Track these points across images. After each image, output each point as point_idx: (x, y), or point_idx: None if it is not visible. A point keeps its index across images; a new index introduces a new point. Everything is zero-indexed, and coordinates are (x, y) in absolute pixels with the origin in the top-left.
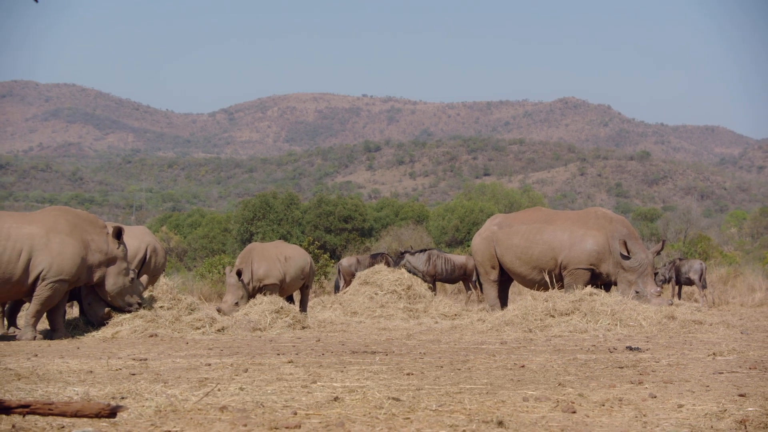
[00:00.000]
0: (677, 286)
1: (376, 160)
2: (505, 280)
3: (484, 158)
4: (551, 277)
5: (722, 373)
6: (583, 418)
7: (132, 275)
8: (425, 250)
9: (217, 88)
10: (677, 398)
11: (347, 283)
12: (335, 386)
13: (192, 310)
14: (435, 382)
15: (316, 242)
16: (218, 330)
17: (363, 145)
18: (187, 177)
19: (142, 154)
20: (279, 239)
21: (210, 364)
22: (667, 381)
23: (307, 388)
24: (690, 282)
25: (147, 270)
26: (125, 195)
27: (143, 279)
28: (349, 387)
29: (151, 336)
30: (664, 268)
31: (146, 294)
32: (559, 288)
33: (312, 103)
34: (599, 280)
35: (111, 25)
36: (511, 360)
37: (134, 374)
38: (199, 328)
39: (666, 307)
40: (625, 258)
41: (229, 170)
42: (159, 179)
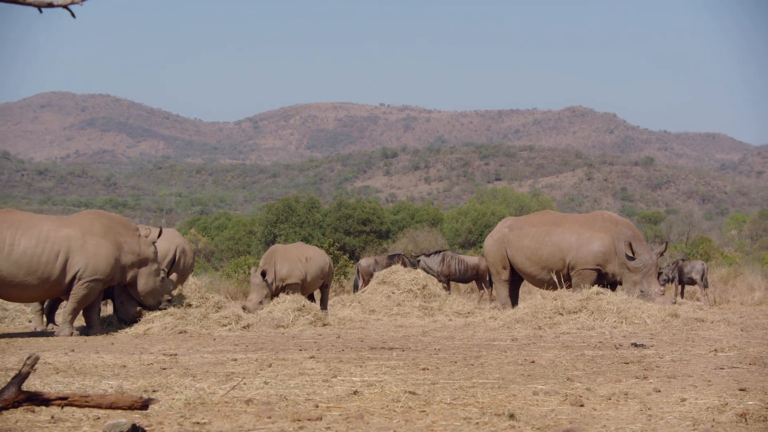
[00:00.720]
0: (680, 286)
1: (392, 166)
2: (515, 279)
3: (495, 164)
4: (559, 277)
5: (723, 368)
6: (591, 411)
7: (162, 275)
8: (440, 252)
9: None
10: (680, 392)
11: (366, 283)
12: (354, 380)
13: (219, 308)
14: (449, 377)
15: (336, 244)
16: (244, 327)
17: (380, 151)
18: (215, 182)
19: (172, 160)
20: (300, 241)
21: (236, 360)
22: (671, 376)
23: (327, 382)
24: (692, 282)
25: (176, 270)
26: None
27: (173, 278)
28: (367, 381)
29: (181, 332)
30: (668, 268)
31: (176, 293)
32: (567, 287)
33: (332, 111)
34: (605, 280)
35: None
36: (522, 356)
37: (165, 369)
38: (226, 325)
39: (669, 305)
40: (630, 259)
41: (253, 176)
42: (188, 184)
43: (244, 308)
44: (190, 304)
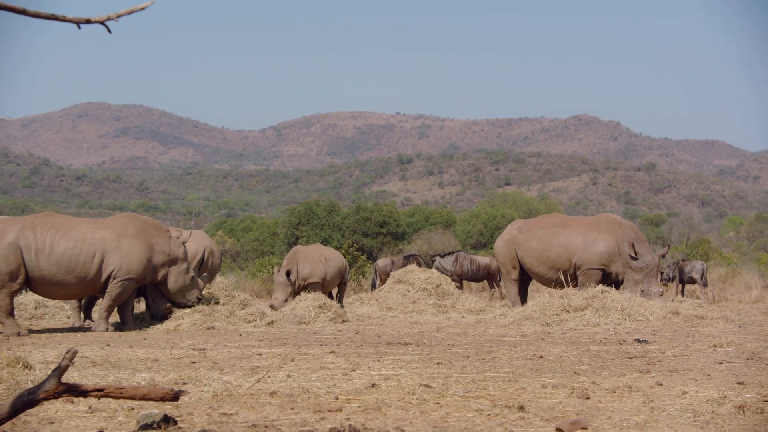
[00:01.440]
0: (680, 285)
1: (408, 171)
2: (524, 279)
3: (505, 169)
4: (566, 277)
5: (722, 363)
6: (596, 403)
7: (192, 274)
8: (453, 252)
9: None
10: (681, 386)
11: (383, 282)
12: (372, 374)
13: (244, 306)
14: (462, 371)
15: (355, 245)
16: (268, 323)
17: (396, 157)
18: (240, 187)
19: (200, 166)
20: (320, 242)
21: (261, 354)
22: (672, 370)
23: (347, 375)
24: (692, 281)
25: (205, 269)
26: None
27: (202, 277)
28: (385, 375)
29: (209, 328)
30: (669, 268)
31: (204, 291)
32: (573, 286)
33: (351, 120)
34: (610, 279)
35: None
36: (531, 351)
37: (194, 362)
38: (251, 322)
39: (670, 303)
40: (632, 259)
41: (277, 181)
42: (215, 189)
43: (272, 307)
44: (217, 302)
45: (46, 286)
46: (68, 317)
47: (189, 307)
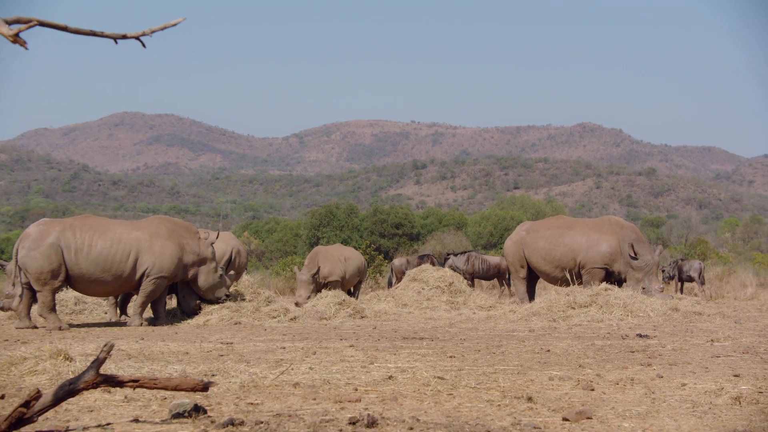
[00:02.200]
0: (679, 283)
1: (422, 176)
2: (532, 277)
3: (514, 174)
4: (571, 275)
5: (719, 356)
6: (600, 394)
7: (220, 273)
8: (465, 252)
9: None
10: (681, 378)
11: (399, 280)
12: (389, 367)
13: (269, 302)
14: (474, 364)
15: (372, 245)
16: (291, 319)
17: (411, 163)
18: (265, 191)
19: (228, 171)
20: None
21: (284, 348)
22: (672, 363)
23: (365, 368)
24: (691, 279)
25: (232, 268)
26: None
27: (229, 276)
28: (401, 367)
29: (236, 323)
30: (669, 267)
31: (231, 289)
32: (578, 284)
33: (368, 128)
34: (612, 278)
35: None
36: (538, 345)
37: (222, 355)
38: (275, 317)
39: (670, 300)
40: (633, 258)
41: (299, 185)
42: (242, 193)
43: (297, 304)
44: (243, 299)
45: (85, 284)
46: (105, 313)
47: (217, 303)
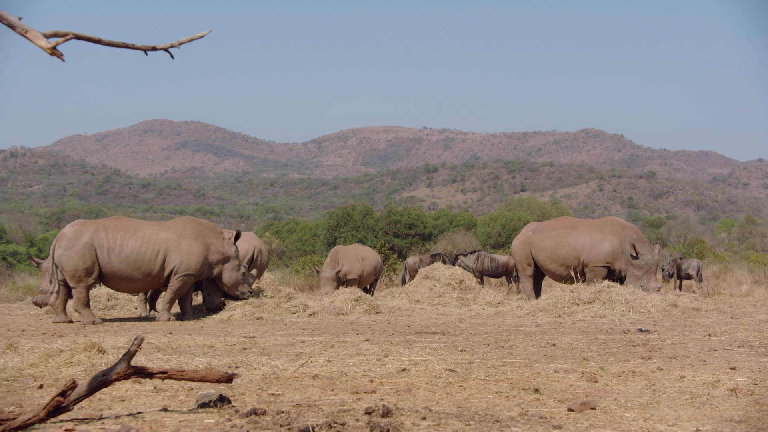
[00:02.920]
0: (678, 280)
1: (434, 179)
2: (538, 275)
3: (521, 177)
4: (576, 273)
5: (716, 350)
6: (604, 386)
7: (243, 270)
8: (475, 252)
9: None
10: (680, 371)
11: (412, 278)
12: (403, 360)
13: (289, 299)
14: (483, 357)
15: (387, 245)
16: (310, 314)
17: (424, 167)
18: (285, 193)
19: (250, 175)
20: (356, 243)
21: (304, 341)
22: (672, 357)
23: (380, 361)
24: (689, 277)
25: (254, 266)
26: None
27: (252, 273)
28: (414, 360)
29: (258, 319)
30: (668, 265)
31: (254, 286)
32: (582, 282)
33: (383, 134)
34: (615, 276)
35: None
36: (544, 339)
37: (245, 349)
38: (295, 313)
39: (669, 297)
40: (635, 258)
41: (317, 188)
42: (263, 195)
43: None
44: (265, 295)
45: (117, 281)
46: (136, 308)
47: (241, 299)
